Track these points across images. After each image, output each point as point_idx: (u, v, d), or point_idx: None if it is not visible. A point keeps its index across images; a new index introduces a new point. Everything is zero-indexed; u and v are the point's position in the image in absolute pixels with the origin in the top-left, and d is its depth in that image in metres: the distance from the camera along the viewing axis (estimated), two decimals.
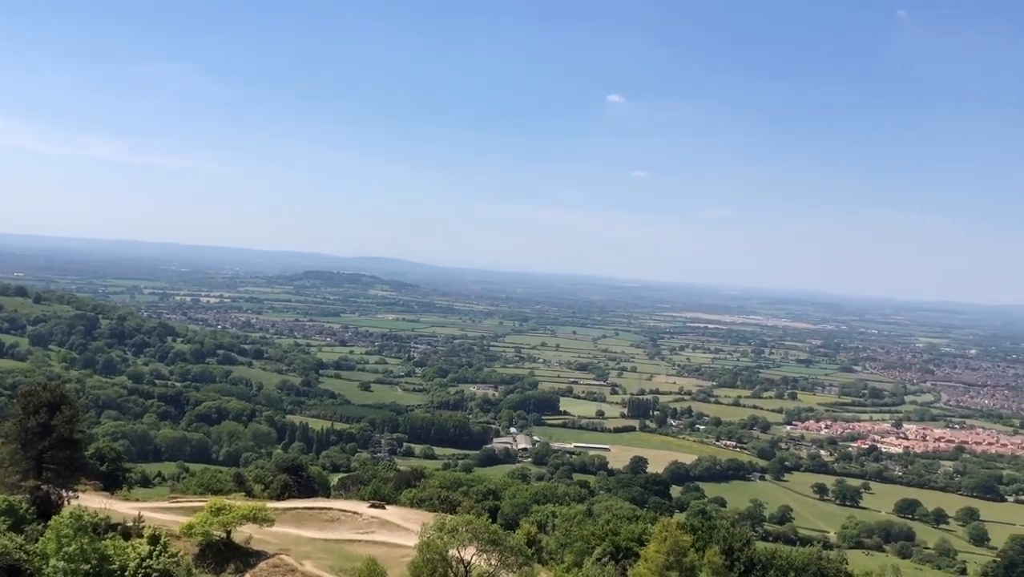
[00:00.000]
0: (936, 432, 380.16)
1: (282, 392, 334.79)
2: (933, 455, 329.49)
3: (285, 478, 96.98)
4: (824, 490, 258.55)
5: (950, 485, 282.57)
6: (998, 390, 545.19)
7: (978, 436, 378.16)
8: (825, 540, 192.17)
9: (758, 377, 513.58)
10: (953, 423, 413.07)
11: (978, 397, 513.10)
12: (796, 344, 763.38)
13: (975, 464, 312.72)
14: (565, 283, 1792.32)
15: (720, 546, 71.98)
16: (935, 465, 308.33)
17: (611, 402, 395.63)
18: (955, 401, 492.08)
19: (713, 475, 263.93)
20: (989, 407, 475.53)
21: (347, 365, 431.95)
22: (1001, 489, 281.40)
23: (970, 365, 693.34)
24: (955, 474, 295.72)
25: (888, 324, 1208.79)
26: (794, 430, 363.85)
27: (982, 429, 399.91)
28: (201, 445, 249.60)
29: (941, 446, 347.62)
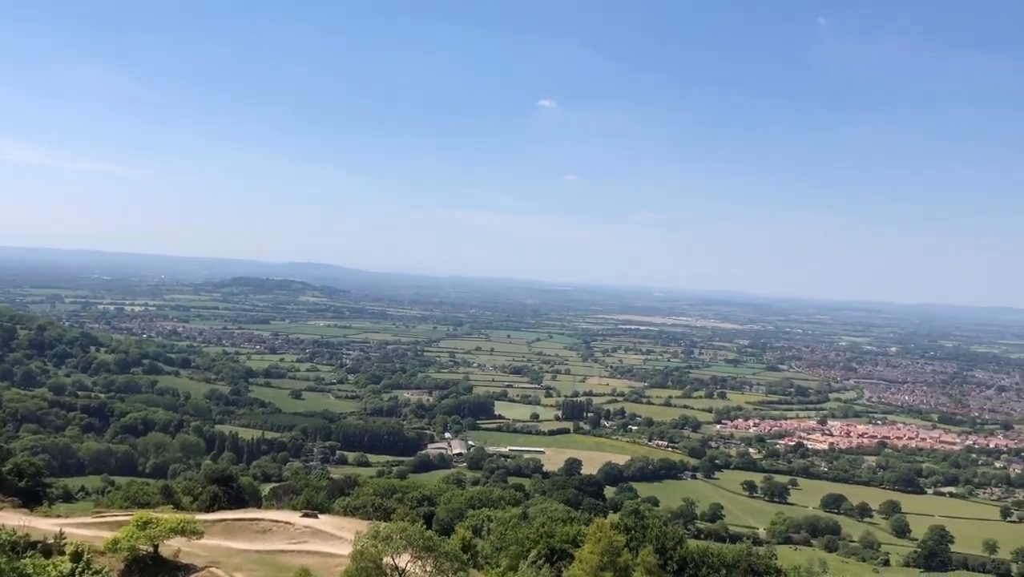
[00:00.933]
0: (859, 428, 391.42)
1: (211, 401, 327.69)
2: (857, 451, 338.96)
3: (214, 489, 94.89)
4: (753, 487, 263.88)
5: (873, 479, 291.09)
6: (917, 386, 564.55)
7: (899, 431, 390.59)
8: (755, 536, 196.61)
9: (688, 377, 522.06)
10: (875, 419, 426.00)
11: (899, 393, 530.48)
12: (725, 344, 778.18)
13: (896, 458, 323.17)
14: (499, 287, 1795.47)
15: (653, 545, 72.94)
16: (859, 460, 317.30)
17: (546, 405, 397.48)
18: (877, 398, 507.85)
19: (646, 475, 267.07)
20: (909, 403, 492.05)
21: (278, 373, 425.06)
22: (921, 482, 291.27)
23: (891, 362, 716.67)
24: (878, 469, 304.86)
25: (812, 324, 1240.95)
26: (724, 429, 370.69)
27: (903, 424, 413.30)
28: (127, 457, 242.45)
29: (864, 442, 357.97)
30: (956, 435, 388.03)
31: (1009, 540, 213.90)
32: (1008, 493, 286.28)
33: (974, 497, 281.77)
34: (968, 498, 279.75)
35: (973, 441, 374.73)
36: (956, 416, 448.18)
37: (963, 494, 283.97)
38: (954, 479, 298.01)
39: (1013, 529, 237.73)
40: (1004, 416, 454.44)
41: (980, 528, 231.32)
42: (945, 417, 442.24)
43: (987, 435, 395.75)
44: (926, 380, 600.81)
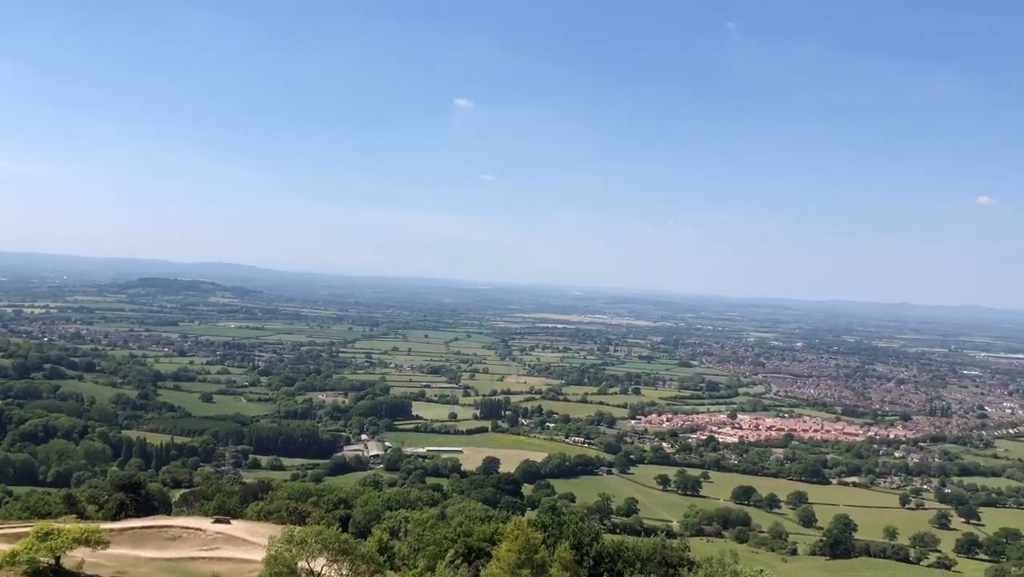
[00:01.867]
0: (768, 421, 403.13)
1: (117, 406, 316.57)
2: (765, 443, 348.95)
3: (121, 497, 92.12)
4: (667, 481, 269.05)
5: (781, 471, 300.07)
6: (822, 380, 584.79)
7: (805, 424, 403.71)
8: (669, 529, 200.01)
9: (604, 374, 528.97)
10: (783, 412, 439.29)
11: (804, 387, 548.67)
12: (639, 341, 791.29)
13: (803, 450, 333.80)
14: (416, 286, 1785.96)
15: (570, 541, 73.67)
16: (767, 453, 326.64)
17: (464, 404, 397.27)
18: (784, 392, 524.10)
19: (563, 472, 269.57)
20: (814, 396, 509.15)
21: (187, 376, 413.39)
22: (826, 472, 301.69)
23: (797, 357, 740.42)
24: (785, 460, 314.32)
25: (723, 320, 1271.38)
26: (638, 424, 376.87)
27: (808, 417, 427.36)
28: (26, 466, 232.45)
29: (772, 434, 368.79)
30: (858, 427, 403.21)
31: (908, 526, 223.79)
32: (907, 481, 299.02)
33: (875, 486, 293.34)
34: (870, 487, 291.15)
35: (874, 432, 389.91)
36: (858, 408, 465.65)
37: (865, 483, 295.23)
38: (857, 469, 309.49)
39: (911, 516, 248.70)
40: (903, 408, 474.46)
41: (881, 515, 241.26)
42: (848, 409, 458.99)
43: (887, 426, 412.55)
44: (830, 374, 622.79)
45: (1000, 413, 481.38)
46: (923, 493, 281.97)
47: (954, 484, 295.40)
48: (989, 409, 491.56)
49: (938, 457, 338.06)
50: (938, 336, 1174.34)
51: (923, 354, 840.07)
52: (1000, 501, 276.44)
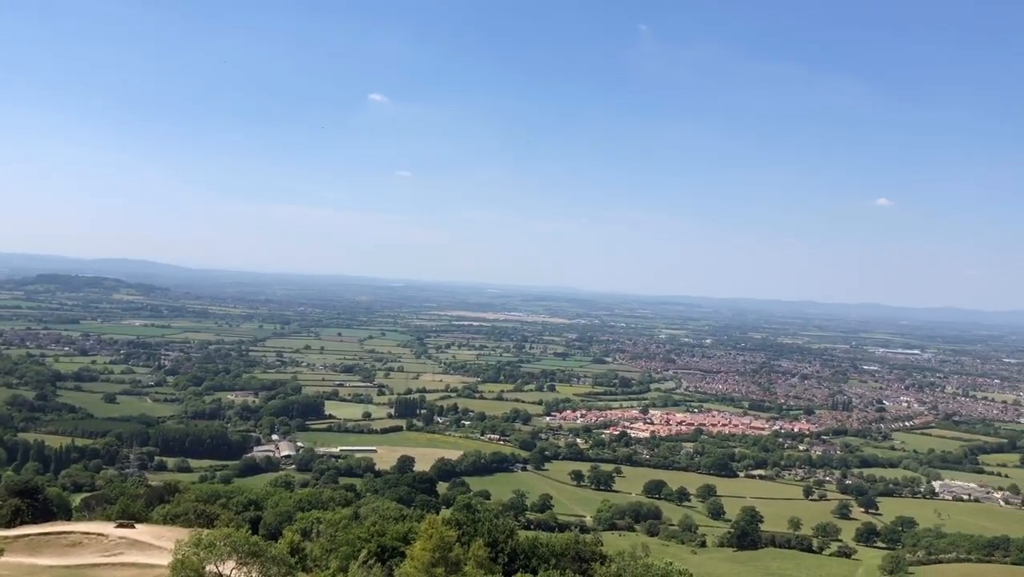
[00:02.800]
0: (678, 416, 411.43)
1: (13, 408, 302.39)
2: (676, 438, 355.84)
3: (16, 502, 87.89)
4: (580, 476, 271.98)
5: (691, 465, 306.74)
6: (730, 375, 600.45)
7: (714, 418, 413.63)
8: (582, 524, 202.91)
9: (520, 371, 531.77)
10: (692, 407, 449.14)
11: (713, 382, 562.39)
12: (554, 338, 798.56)
13: (712, 444, 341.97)
14: (329, 284, 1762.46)
15: (485, 539, 73.69)
16: (678, 447, 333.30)
17: (378, 403, 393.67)
18: (694, 387, 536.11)
19: (478, 469, 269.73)
20: (723, 391, 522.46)
21: (89, 376, 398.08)
22: (734, 466, 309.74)
23: (706, 353, 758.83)
24: (695, 454, 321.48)
25: (635, 318, 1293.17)
26: (553, 421, 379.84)
27: (717, 412, 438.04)
28: None
29: (683, 429, 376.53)
30: (765, 421, 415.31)
31: (811, 517, 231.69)
32: (810, 473, 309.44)
33: (781, 478, 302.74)
34: (775, 479, 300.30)
35: (780, 426, 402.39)
36: (764, 403, 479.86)
37: (771, 476, 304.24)
38: (763, 462, 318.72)
39: (814, 506, 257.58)
40: (806, 402, 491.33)
41: (786, 507, 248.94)
42: (755, 404, 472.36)
43: (792, 420, 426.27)
44: (738, 370, 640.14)
45: (897, 406, 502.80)
46: (825, 484, 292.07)
47: (854, 475, 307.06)
48: (887, 403, 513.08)
49: (839, 450, 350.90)
50: (840, 333, 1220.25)
51: (826, 350, 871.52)
52: (897, 491, 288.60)
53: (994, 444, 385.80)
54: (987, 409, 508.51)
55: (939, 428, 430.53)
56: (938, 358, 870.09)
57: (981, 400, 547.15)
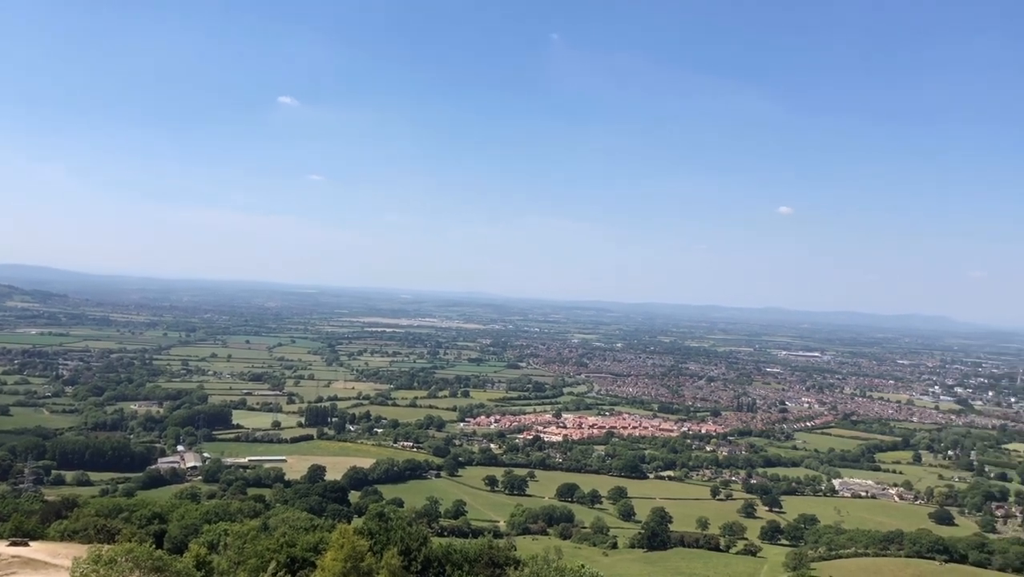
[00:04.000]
0: (590, 420, 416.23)
1: None
2: (588, 441, 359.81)
3: None
4: (494, 482, 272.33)
5: (603, 467, 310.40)
6: (640, 379, 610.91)
7: (625, 421, 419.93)
8: (496, 529, 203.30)
9: (434, 378, 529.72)
10: (604, 411, 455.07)
11: (624, 386, 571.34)
12: (468, 344, 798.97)
13: (623, 447, 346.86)
14: (237, 290, 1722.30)
15: (398, 547, 73.27)
16: (590, 450, 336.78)
17: (288, 412, 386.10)
18: (605, 390, 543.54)
19: (392, 477, 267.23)
20: (633, 394, 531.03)
21: None
22: (644, 468, 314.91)
23: (617, 357, 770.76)
24: (607, 457, 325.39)
25: (548, 323, 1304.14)
26: (467, 427, 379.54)
27: (628, 414, 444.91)
28: None
29: (595, 432, 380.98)
30: (673, 423, 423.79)
31: (718, 516, 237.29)
32: (717, 474, 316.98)
33: (689, 479, 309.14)
34: (684, 480, 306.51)
35: (688, 428, 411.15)
36: (673, 405, 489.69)
37: (680, 477, 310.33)
38: (672, 463, 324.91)
39: (721, 506, 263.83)
40: (713, 404, 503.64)
41: (694, 507, 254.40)
42: (664, 406, 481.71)
43: (699, 422, 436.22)
44: (648, 373, 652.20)
45: (799, 407, 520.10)
46: (732, 484, 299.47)
47: (759, 475, 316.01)
48: (789, 404, 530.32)
49: (745, 450, 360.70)
50: (744, 336, 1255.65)
51: (731, 353, 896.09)
52: (799, 489, 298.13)
53: (889, 443, 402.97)
54: (883, 409, 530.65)
55: (838, 428, 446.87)
56: (837, 360, 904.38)
57: (877, 400, 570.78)
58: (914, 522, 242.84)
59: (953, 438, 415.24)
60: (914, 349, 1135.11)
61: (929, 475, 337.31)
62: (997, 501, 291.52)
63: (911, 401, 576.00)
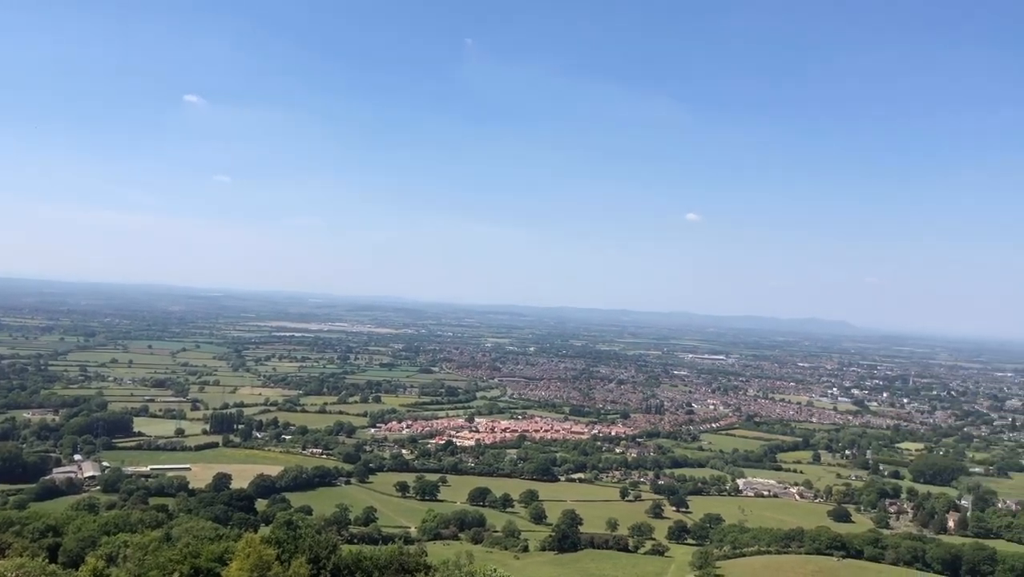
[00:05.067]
0: (503, 424, 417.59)
1: None
2: (501, 445, 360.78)
3: None
4: (406, 487, 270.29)
5: (515, 471, 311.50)
6: (552, 382, 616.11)
7: (537, 424, 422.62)
8: (407, 535, 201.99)
9: (344, 383, 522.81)
10: (516, 414, 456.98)
11: (536, 389, 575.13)
12: (380, 349, 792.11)
13: (535, 450, 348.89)
14: (139, 293, 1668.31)
15: (306, 555, 72.40)
16: (502, 454, 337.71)
17: (192, 419, 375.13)
18: (518, 394, 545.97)
19: (300, 484, 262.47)
20: (545, 398, 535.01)
21: None
22: (556, 470, 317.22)
23: (530, 361, 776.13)
24: (519, 460, 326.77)
25: (462, 327, 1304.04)
26: (378, 432, 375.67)
27: (540, 418, 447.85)
28: None
29: (507, 436, 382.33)
30: (584, 425, 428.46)
31: (627, 517, 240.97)
32: (626, 475, 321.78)
33: (599, 481, 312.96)
34: (594, 482, 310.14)
35: (598, 430, 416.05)
36: (584, 408, 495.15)
37: (590, 479, 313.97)
38: (583, 465, 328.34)
39: (630, 507, 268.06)
40: (623, 406, 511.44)
41: (604, 508, 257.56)
42: (575, 409, 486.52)
43: (609, 424, 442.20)
44: (559, 376, 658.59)
45: (705, 409, 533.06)
46: (640, 485, 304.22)
47: (667, 476, 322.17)
48: (696, 405, 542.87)
49: (653, 451, 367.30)
50: (653, 340, 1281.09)
51: (640, 356, 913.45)
52: (705, 489, 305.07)
53: (790, 443, 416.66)
54: (784, 410, 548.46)
55: (742, 429, 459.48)
56: (741, 363, 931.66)
57: (779, 402, 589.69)
58: (814, 520, 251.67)
59: (850, 438, 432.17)
60: (814, 352, 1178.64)
61: (828, 474, 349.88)
62: (890, 498, 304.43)
63: (811, 402, 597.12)
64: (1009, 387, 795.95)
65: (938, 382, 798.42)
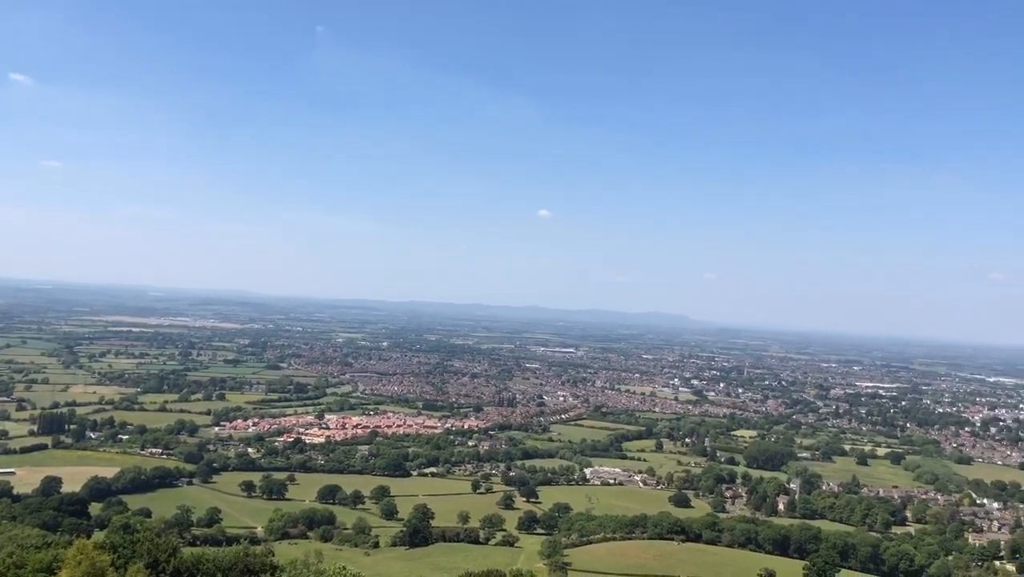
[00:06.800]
0: (354, 420, 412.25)
1: None
2: (352, 441, 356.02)
3: None
4: (252, 487, 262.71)
5: (366, 467, 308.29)
6: (405, 377, 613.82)
7: (389, 420, 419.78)
8: (253, 536, 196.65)
9: (186, 380, 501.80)
10: (368, 410, 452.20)
11: (389, 384, 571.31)
12: (225, 344, 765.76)
13: (387, 445, 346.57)
14: None
15: (144, 560, 69.93)
16: (353, 451, 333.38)
17: (18, 419, 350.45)
18: (370, 390, 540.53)
19: (139, 486, 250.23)
20: (398, 393, 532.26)
21: None
22: (408, 465, 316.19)
23: (383, 356, 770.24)
24: (370, 457, 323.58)
25: (312, 321, 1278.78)
26: (223, 431, 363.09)
27: (393, 413, 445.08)
28: None
29: (359, 432, 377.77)
30: (437, 420, 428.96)
31: (479, 509, 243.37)
32: (478, 468, 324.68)
33: (452, 475, 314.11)
34: (447, 476, 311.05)
35: (451, 424, 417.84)
36: (437, 402, 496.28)
37: (443, 473, 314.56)
38: (436, 460, 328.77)
39: (482, 499, 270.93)
40: (476, 400, 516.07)
41: (456, 502, 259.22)
42: (428, 404, 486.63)
43: (462, 418, 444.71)
44: (413, 371, 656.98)
45: (555, 401, 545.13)
46: (492, 478, 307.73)
47: (518, 467, 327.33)
48: (547, 397, 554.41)
49: (505, 443, 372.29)
50: (506, 334, 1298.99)
51: (494, 350, 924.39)
52: (554, 480, 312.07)
53: (635, 432, 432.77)
54: (629, 400, 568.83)
55: (590, 419, 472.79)
56: (589, 356, 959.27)
57: (625, 393, 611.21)
58: (656, 506, 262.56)
59: (690, 426, 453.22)
60: (657, 345, 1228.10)
61: (669, 461, 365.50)
62: (727, 483, 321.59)
63: (654, 393, 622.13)
64: (833, 377, 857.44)
65: (770, 373, 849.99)
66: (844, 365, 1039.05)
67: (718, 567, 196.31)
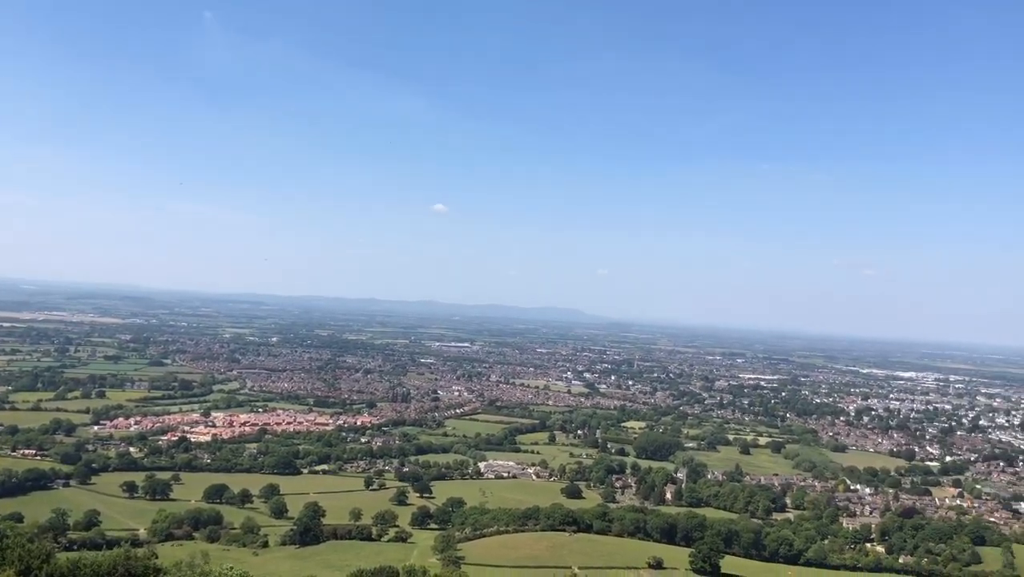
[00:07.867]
0: (242, 417, 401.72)
1: None
2: (240, 439, 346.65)
3: None
4: (134, 488, 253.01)
5: (255, 466, 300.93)
6: (296, 373, 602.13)
7: (279, 417, 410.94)
8: (135, 538, 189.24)
9: (62, 377, 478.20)
10: (257, 407, 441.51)
11: (279, 381, 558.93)
12: (105, 340, 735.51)
13: (276, 443, 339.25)
14: None
15: (15, 567, 66.94)
16: (241, 449, 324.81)
17: None
18: (259, 386, 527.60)
19: (9, 489, 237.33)
20: (288, 389, 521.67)
21: None
22: (298, 463, 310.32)
23: (272, 352, 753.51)
24: (259, 455, 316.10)
25: (198, 316, 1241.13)
26: (102, 430, 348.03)
27: (282, 410, 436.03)
28: None
29: (247, 430, 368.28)
30: (329, 416, 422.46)
31: (371, 506, 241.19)
32: (371, 465, 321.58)
33: (344, 472, 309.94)
34: (339, 473, 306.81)
35: (343, 421, 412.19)
36: (329, 399, 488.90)
37: (334, 470, 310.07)
38: (327, 457, 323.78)
39: (375, 496, 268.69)
40: (369, 396, 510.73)
41: (348, 499, 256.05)
42: (320, 401, 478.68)
43: (355, 414, 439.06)
44: (304, 367, 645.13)
45: (450, 396, 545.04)
46: (385, 474, 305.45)
47: (411, 463, 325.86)
48: (441, 393, 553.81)
49: (398, 439, 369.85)
50: (401, 329, 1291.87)
51: (388, 345, 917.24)
52: (448, 474, 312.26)
53: (528, 425, 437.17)
54: (524, 394, 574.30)
55: (485, 413, 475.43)
56: (485, 350, 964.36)
57: (519, 386, 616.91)
58: (549, 498, 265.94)
59: (582, 419, 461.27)
60: (551, 339, 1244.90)
61: (562, 453, 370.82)
62: (617, 474, 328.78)
63: (548, 386, 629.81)
64: (718, 369, 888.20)
65: (659, 365, 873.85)
66: (728, 358, 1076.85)
67: (608, 556, 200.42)
